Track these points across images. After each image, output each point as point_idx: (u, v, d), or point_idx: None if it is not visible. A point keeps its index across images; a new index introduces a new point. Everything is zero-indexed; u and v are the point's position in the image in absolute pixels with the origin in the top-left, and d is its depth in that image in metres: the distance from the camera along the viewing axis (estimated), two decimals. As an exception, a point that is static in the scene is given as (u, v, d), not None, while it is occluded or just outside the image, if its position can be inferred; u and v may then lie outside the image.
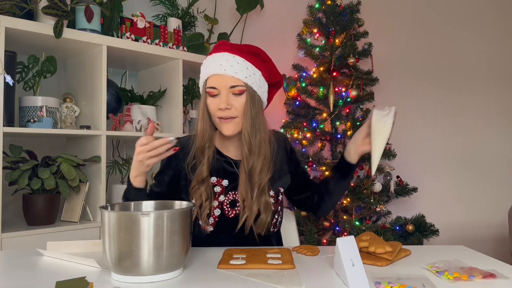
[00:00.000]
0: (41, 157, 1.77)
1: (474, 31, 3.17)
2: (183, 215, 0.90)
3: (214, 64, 1.12)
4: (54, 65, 1.80)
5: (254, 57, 1.16)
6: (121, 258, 0.84)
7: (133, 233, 0.83)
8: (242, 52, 1.13)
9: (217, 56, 1.13)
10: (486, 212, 3.06)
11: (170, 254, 0.86)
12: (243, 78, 1.10)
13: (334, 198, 1.32)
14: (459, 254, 1.08)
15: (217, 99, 1.12)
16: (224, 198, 1.18)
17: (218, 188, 1.18)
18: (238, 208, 1.17)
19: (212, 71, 1.12)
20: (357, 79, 2.52)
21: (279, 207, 1.24)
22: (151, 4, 2.36)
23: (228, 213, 1.17)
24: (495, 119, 3.13)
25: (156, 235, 0.84)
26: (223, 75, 1.10)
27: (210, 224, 1.16)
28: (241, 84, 1.11)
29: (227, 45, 1.16)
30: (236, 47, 1.16)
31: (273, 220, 1.22)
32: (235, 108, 1.12)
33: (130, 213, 0.88)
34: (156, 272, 0.85)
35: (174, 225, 0.87)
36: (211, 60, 1.13)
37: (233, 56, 1.11)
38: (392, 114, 1.09)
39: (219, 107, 1.11)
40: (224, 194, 1.18)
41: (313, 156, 2.48)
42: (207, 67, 1.14)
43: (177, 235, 0.87)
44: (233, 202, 1.18)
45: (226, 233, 1.18)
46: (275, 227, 1.24)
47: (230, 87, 1.11)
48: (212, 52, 1.16)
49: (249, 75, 1.11)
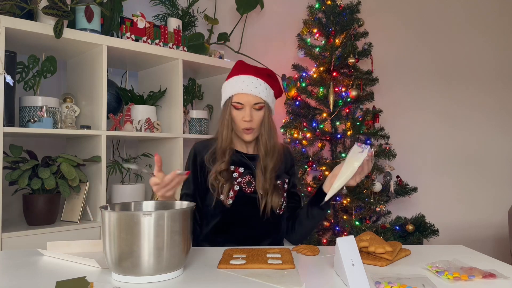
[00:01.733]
0: (41, 157, 1.77)
1: (474, 31, 3.17)
2: (184, 215, 0.90)
3: (241, 84, 1.38)
4: (54, 65, 1.80)
5: (269, 78, 1.43)
6: (121, 258, 0.84)
7: (134, 233, 0.83)
8: (263, 75, 1.41)
9: (244, 77, 1.39)
10: (486, 212, 3.07)
11: (171, 254, 0.86)
12: (264, 97, 1.38)
13: (304, 228, 1.45)
14: (459, 254, 1.08)
15: (241, 112, 1.38)
16: (241, 179, 1.40)
17: (236, 174, 1.41)
18: (253, 186, 1.40)
19: (239, 90, 1.37)
20: (357, 79, 2.52)
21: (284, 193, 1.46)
22: (151, 4, 2.36)
23: (245, 189, 1.39)
24: (495, 119, 3.14)
25: (157, 235, 0.84)
26: (249, 94, 1.36)
27: (230, 197, 1.37)
28: (262, 102, 1.38)
29: (250, 68, 1.43)
30: (258, 70, 1.43)
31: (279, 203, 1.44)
32: (255, 121, 1.38)
33: (131, 213, 0.88)
34: (156, 272, 0.85)
35: (174, 225, 0.86)
36: (238, 81, 1.39)
37: (257, 79, 1.39)
38: (366, 152, 1.19)
39: (244, 119, 1.37)
40: (241, 177, 1.41)
41: (313, 156, 2.48)
42: (234, 85, 1.39)
43: (178, 235, 0.87)
44: (249, 183, 1.40)
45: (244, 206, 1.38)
46: (281, 209, 1.44)
47: (254, 104, 1.37)
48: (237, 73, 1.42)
49: (267, 94, 1.40)
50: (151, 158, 2.14)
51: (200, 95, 2.42)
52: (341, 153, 2.50)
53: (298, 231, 1.45)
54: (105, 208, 0.91)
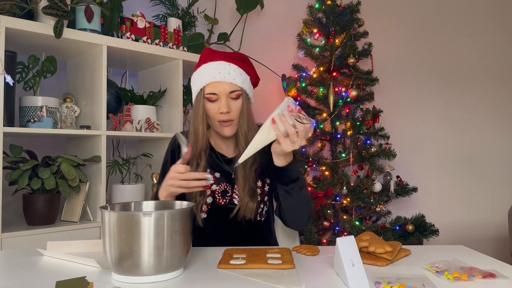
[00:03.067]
0: (41, 157, 1.77)
1: (473, 31, 3.17)
2: (184, 215, 0.90)
3: (212, 72, 1.21)
4: (54, 65, 1.80)
5: (243, 63, 1.27)
6: (121, 258, 0.84)
7: (134, 233, 0.83)
8: (235, 60, 1.25)
9: (214, 64, 1.22)
10: (486, 212, 3.07)
11: (171, 254, 0.86)
12: (239, 84, 1.21)
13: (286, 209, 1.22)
14: (459, 254, 1.08)
15: (217, 104, 1.21)
16: (216, 187, 1.28)
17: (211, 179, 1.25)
18: (228, 197, 1.27)
19: (211, 78, 1.20)
20: (357, 79, 2.52)
21: (265, 197, 1.31)
22: (151, 4, 2.36)
23: (219, 201, 1.27)
24: (495, 119, 3.14)
25: (157, 235, 0.84)
26: (223, 82, 1.20)
27: (204, 211, 1.26)
28: (238, 89, 1.22)
29: (219, 53, 1.26)
30: (229, 55, 1.26)
31: (259, 209, 1.30)
32: (233, 111, 1.22)
33: (131, 213, 0.88)
34: (157, 272, 0.85)
35: (175, 225, 0.86)
36: (209, 69, 1.22)
37: (229, 64, 1.22)
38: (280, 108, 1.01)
39: (221, 111, 1.20)
40: (216, 184, 1.28)
41: (313, 156, 2.48)
42: (205, 75, 1.22)
43: (178, 235, 0.87)
44: (224, 192, 1.28)
45: (218, 219, 1.27)
46: (261, 215, 1.31)
47: (230, 92, 1.21)
48: (205, 61, 1.24)
49: (243, 80, 1.23)
50: (151, 158, 2.14)
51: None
52: (341, 153, 2.50)
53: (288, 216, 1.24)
54: (105, 208, 0.91)
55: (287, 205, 1.21)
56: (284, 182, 1.17)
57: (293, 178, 1.16)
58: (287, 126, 1.00)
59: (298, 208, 1.21)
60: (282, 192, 1.19)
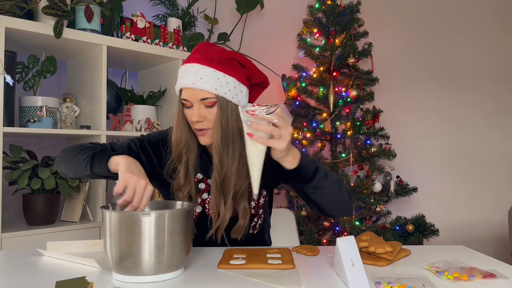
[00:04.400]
0: (41, 157, 1.77)
1: (473, 31, 3.17)
2: (185, 215, 0.90)
3: (185, 76, 1.09)
4: (54, 65, 1.80)
5: (228, 64, 1.10)
6: (122, 258, 0.84)
7: (134, 233, 0.83)
8: (213, 62, 1.08)
9: (188, 67, 1.10)
10: (486, 212, 3.07)
11: (171, 254, 0.86)
12: (213, 90, 1.06)
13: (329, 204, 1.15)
14: (459, 254, 1.08)
15: (191, 111, 1.11)
16: (207, 196, 1.19)
17: (202, 185, 1.19)
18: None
19: (183, 83, 1.09)
20: (357, 79, 2.52)
21: (260, 210, 1.23)
22: (151, 4, 2.36)
23: (208, 211, 1.18)
24: (495, 119, 3.14)
25: (157, 235, 0.84)
26: (193, 88, 1.07)
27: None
28: (211, 96, 1.07)
29: (199, 53, 1.11)
30: (209, 55, 1.10)
31: (252, 223, 1.21)
32: (208, 120, 1.10)
33: (131, 213, 0.88)
34: (157, 272, 0.85)
35: (175, 225, 0.86)
36: (184, 71, 1.11)
37: (202, 68, 1.07)
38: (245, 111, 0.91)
39: (192, 120, 1.10)
40: (208, 192, 1.19)
41: (313, 156, 2.48)
42: (180, 78, 1.12)
43: (178, 235, 0.87)
44: None
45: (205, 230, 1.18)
46: (254, 229, 1.23)
47: (201, 100, 1.08)
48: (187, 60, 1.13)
49: (220, 86, 1.07)
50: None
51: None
52: (341, 153, 2.50)
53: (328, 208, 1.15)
54: (106, 208, 0.91)
55: (324, 199, 1.12)
56: (307, 179, 1.08)
57: (312, 171, 1.07)
58: (263, 128, 0.90)
59: (335, 195, 1.12)
60: (311, 190, 1.10)
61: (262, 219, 1.24)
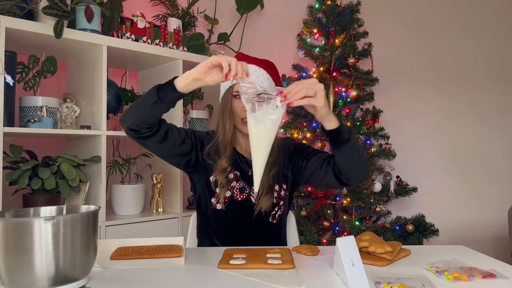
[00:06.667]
0: (41, 157, 1.77)
1: (473, 31, 3.17)
2: (85, 219, 0.81)
3: None
4: (54, 65, 1.80)
5: (271, 70, 1.40)
6: (11, 272, 0.74)
7: (23, 243, 0.73)
8: (264, 66, 1.39)
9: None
10: (486, 212, 3.07)
11: (71, 263, 0.78)
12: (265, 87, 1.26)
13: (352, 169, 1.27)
14: (459, 254, 1.08)
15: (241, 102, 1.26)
16: (235, 184, 1.36)
17: (231, 175, 1.36)
18: (246, 193, 1.35)
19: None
20: (357, 79, 2.52)
21: (281, 202, 1.38)
22: (151, 4, 2.36)
23: (237, 197, 1.35)
24: (495, 119, 3.14)
25: (53, 243, 0.75)
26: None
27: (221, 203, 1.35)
28: None
29: (252, 58, 1.40)
30: (259, 60, 1.41)
31: (273, 211, 1.37)
32: None
33: (20, 220, 0.77)
34: (54, 285, 0.76)
35: (75, 232, 0.78)
36: None
37: (259, 69, 1.37)
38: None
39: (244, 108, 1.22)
40: (236, 181, 1.36)
41: (313, 156, 2.48)
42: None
43: (79, 242, 0.79)
44: (242, 189, 1.36)
45: (235, 211, 1.35)
46: (274, 218, 1.38)
47: None
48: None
49: (269, 86, 1.35)
50: (151, 158, 2.14)
51: (200, 95, 2.42)
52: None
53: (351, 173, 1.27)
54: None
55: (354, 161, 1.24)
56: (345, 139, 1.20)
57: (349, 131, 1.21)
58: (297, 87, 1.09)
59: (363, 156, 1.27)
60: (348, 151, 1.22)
61: (282, 210, 1.39)
